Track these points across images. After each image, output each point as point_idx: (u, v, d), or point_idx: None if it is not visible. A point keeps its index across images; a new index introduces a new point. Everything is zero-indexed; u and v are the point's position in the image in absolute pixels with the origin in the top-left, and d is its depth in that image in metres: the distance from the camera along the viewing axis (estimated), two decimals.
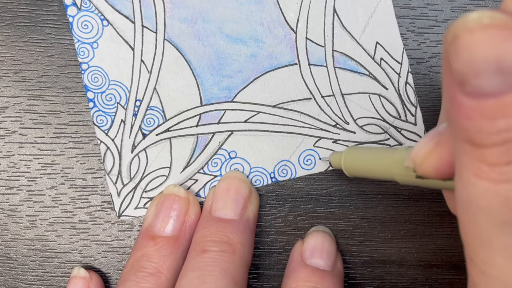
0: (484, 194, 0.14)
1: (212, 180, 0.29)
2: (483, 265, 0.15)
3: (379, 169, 0.23)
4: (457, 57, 0.13)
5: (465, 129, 0.14)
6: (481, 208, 0.14)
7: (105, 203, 0.29)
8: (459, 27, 0.13)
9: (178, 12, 0.29)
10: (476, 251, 0.15)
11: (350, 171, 0.26)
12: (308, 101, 0.29)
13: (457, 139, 0.15)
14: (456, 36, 0.13)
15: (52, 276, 0.29)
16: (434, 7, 0.29)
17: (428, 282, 0.30)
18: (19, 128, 0.29)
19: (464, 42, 0.13)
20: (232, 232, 0.26)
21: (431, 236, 0.30)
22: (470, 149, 0.14)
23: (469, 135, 0.14)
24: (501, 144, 0.13)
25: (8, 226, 0.29)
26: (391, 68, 0.29)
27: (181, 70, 0.29)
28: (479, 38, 0.13)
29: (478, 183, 0.14)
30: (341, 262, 0.29)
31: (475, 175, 0.14)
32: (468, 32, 0.13)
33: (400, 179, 0.22)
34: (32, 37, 0.28)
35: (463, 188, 0.15)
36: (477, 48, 0.13)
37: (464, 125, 0.14)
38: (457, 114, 0.14)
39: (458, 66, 0.13)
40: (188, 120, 0.29)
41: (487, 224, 0.14)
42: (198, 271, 0.25)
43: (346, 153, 0.27)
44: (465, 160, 0.14)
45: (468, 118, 0.13)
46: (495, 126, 0.13)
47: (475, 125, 0.13)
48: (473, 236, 0.15)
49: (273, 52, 0.29)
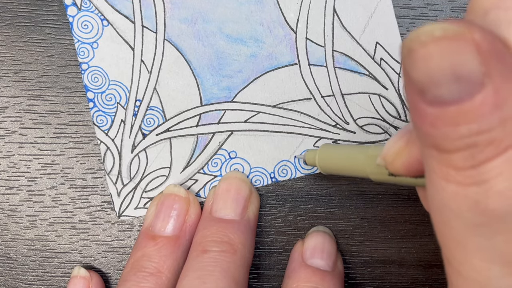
0: (454, 197, 0.14)
1: (212, 180, 0.29)
2: (460, 267, 0.15)
3: (353, 167, 0.24)
4: (415, 69, 0.13)
5: (430, 136, 0.14)
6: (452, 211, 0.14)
7: (105, 203, 0.29)
8: (413, 41, 0.13)
9: (178, 12, 0.28)
10: (452, 253, 0.15)
11: (325, 168, 0.27)
12: (308, 101, 0.29)
13: (423, 144, 0.15)
14: (410, 50, 0.13)
15: (52, 276, 0.29)
16: (434, 7, 0.29)
17: (428, 282, 0.30)
18: (19, 128, 0.29)
19: (419, 55, 0.13)
20: (233, 232, 0.26)
21: (431, 236, 0.30)
22: (436, 154, 0.14)
23: (434, 141, 0.14)
24: (465, 149, 0.13)
25: (8, 226, 0.29)
26: (391, 68, 0.29)
27: (181, 70, 0.29)
28: (433, 51, 0.13)
29: (447, 187, 0.14)
30: (341, 262, 0.29)
31: (443, 179, 0.14)
32: (421, 46, 0.13)
33: (374, 176, 0.22)
34: (32, 37, 0.28)
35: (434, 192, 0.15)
36: (432, 60, 0.13)
37: (428, 132, 0.14)
38: (420, 122, 0.14)
39: (417, 77, 0.13)
40: (188, 120, 0.29)
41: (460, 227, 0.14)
42: (198, 271, 0.25)
43: (320, 151, 0.27)
44: (433, 164, 0.15)
45: (432, 125, 0.14)
46: (458, 132, 0.13)
47: (439, 131, 0.14)
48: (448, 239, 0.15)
49: (273, 52, 0.29)
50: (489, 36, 0.13)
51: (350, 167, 0.24)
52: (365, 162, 0.22)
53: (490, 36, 0.13)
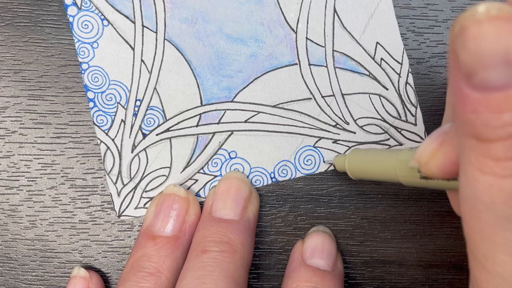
0: (488, 189, 0.14)
1: (212, 180, 0.29)
2: (485, 260, 0.15)
3: (383, 171, 0.23)
4: (465, 49, 0.13)
5: (471, 123, 0.14)
6: (484, 203, 0.14)
7: (105, 203, 0.29)
8: (467, 19, 0.13)
9: (179, 12, 0.28)
10: (478, 246, 0.15)
11: (355, 173, 0.26)
12: (308, 101, 0.29)
13: (462, 134, 0.14)
14: (464, 27, 0.13)
15: (52, 276, 0.29)
16: (434, 7, 0.29)
17: (428, 282, 0.30)
18: (19, 128, 0.29)
19: (472, 33, 0.13)
20: (233, 232, 0.26)
21: (431, 236, 0.30)
22: (475, 143, 0.14)
23: (474, 129, 0.14)
24: (506, 139, 0.13)
25: (8, 226, 0.29)
26: (391, 68, 0.29)
27: (181, 70, 0.29)
28: (487, 30, 0.13)
29: (482, 178, 0.14)
30: (342, 262, 0.29)
31: (479, 170, 0.14)
32: (476, 24, 0.13)
33: (405, 180, 0.22)
34: (32, 37, 0.28)
35: (467, 183, 0.15)
36: (485, 40, 0.13)
37: (470, 119, 0.14)
38: (463, 108, 0.14)
39: (465, 58, 0.13)
40: (188, 120, 0.29)
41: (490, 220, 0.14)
42: (198, 271, 0.25)
43: (350, 155, 0.27)
44: (470, 155, 0.14)
45: (474, 111, 0.13)
46: (501, 120, 0.13)
47: (481, 118, 0.13)
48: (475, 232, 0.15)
49: (273, 52, 0.29)
50: None
51: (380, 171, 0.24)
52: (396, 166, 0.22)
53: None
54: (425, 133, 0.29)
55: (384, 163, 0.23)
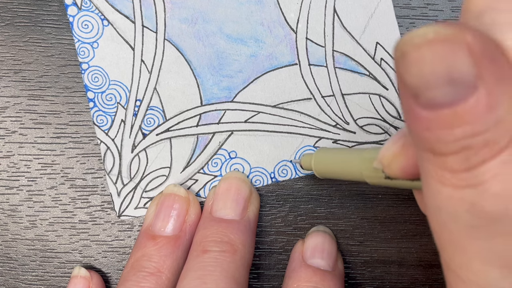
0: (450, 200, 0.14)
1: (212, 180, 0.29)
2: (459, 270, 0.15)
3: (349, 170, 0.23)
4: (408, 72, 0.13)
5: (424, 139, 0.14)
6: (449, 214, 0.14)
7: (105, 203, 0.29)
8: (405, 44, 0.13)
9: (179, 12, 0.28)
10: (451, 256, 0.15)
11: (321, 173, 0.26)
12: (308, 101, 0.29)
13: (419, 147, 0.15)
14: (404, 53, 0.13)
15: (52, 276, 0.29)
16: (434, 7, 0.29)
17: (428, 282, 0.30)
18: (19, 128, 0.29)
19: (412, 58, 0.13)
20: (233, 232, 0.26)
21: (431, 236, 0.29)
22: (431, 157, 0.14)
23: (429, 144, 0.14)
24: (460, 152, 0.13)
25: (8, 226, 0.29)
26: (391, 68, 0.29)
27: (181, 70, 0.29)
28: (426, 53, 0.13)
29: (443, 190, 0.14)
30: (342, 262, 0.29)
31: (439, 182, 0.14)
32: (415, 49, 0.13)
33: (370, 180, 0.22)
34: (32, 37, 0.28)
35: (431, 195, 0.15)
36: (426, 63, 0.13)
37: (423, 135, 0.14)
38: (415, 125, 0.14)
39: (410, 80, 0.13)
40: (188, 120, 0.29)
41: (457, 230, 0.14)
42: (199, 271, 0.25)
43: (316, 155, 0.27)
44: (429, 167, 0.15)
45: (426, 128, 0.14)
46: (452, 135, 0.13)
47: (433, 134, 0.14)
48: (446, 242, 0.15)
49: (273, 52, 0.29)
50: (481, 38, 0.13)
51: (346, 170, 0.24)
52: (361, 165, 0.22)
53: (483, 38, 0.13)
54: None
55: (349, 162, 0.23)
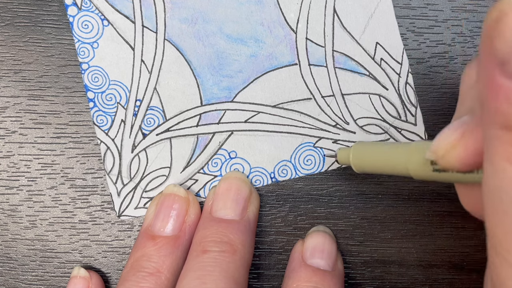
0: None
1: (212, 180, 0.29)
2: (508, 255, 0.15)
3: (393, 163, 0.22)
4: (501, 36, 0.13)
5: (502, 112, 0.13)
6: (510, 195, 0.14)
7: (105, 203, 0.29)
8: (506, 5, 0.13)
9: (179, 12, 0.29)
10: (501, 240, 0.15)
11: (359, 166, 0.25)
12: (308, 101, 0.29)
13: (490, 123, 0.14)
14: (502, 14, 0.13)
15: (52, 276, 0.29)
16: (434, 7, 0.29)
17: (428, 282, 0.30)
18: (19, 128, 0.29)
19: (509, 21, 0.13)
20: (233, 232, 0.26)
21: (431, 236, 0.30)
22: (503, 133, 0.14)
23: (505, 118, 0.13)
24: None
25: (8, 226, 0.29)
26: (391, 68, 0.29)
27: (181, 70, 0.29)
28: None
29: (510, 169, 0.14)
30: (342, 262, 0.29)
31: (507, 160, 0.14)
32: None
33: (416, 173, 0.21)
34: (32, 37, 0.28)
35: (493, 174, 0.14)
36: None
37: (501, 108, 0.13)
38: (494, 96, 0.13)
39: (501, 45, 0.13)
40: (188, 120, 0.29)
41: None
42: (198, 271, 0.25)
43: (355, 147, 0.26)
44: (497, 145, 0.14)
45: (507, 100, 0.13)
46: None
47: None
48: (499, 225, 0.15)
49: (273, 52, 0.29)
50: None
51: (389, 163, 0.23)
52: (408, 157, 0.21)
53: None
54: (425, 133, 0.29)
55: (393, 154, 0.22)
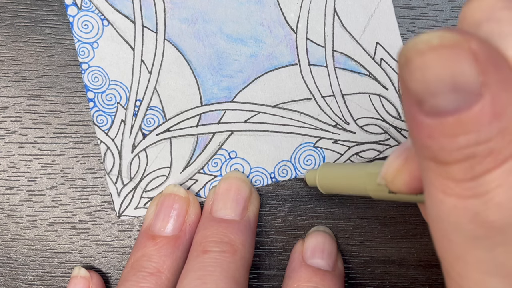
0: (453, 210, 0.14)
1: (212, 180, 0.29)
2: (460, 280, 0.15)
3: (353, 185, 0.24)
4: (412, 79, 0.13)
5: (427, 147, 0.14)
6: (451, 224, 0.14)
7: (105, 203, 0.29)
8: (410, 50, 0.13)
9: (179, 12, 0.28)
10: (452, 266, 0.15)
11: (325, 188, 0.27)
12: (308, 101, 0.29)
13: (421, 156, 0.14)
14: (408, 59, 0.13)
15: (52, 276, 0.29)
16: (434, 7, 0.29)
17: (428, 282, 0.30)
18: (19, 128, 0.29)
19: (416, 64, 0.13)
20: (233, 232, 0.26)
21: (431, 236, 0.30)
22: (434, 166, 0.14)
23: (432, 153, 0.14)
24: (464, 160, 0.13)
25: (8, 226, 0.29)
26: (391, 68, 0.29)
27: (181, 70, 0.29)
28: (431, 60, 0.13)
29: (446, 200, 0.14)
30: (342, 262, 0.29)
31: (442, 192, 0.14)
32: (419, 55, 0.13)
33: (374, 194, 0.22)
34: (32, 37, 0.28)
35: (432, 205, 0.15)
36: (430, 69, 0.13)
37: (426, 144, 0.14)
38: (418, 133, 0.14)
39: (414, 87, 0.13)
40: (188, 120, 0.29)
41: (460, 240, 0.14)
42: (199, 271, 0.25)
43: (320, 170, 0.27)
44: (431, 177, 0.14)
45: (430, 136, 0.13)
46: (456, 143, 0.13)
47: (437, 143, 0.13)
48: (448, 252, 0.15)
49: (273, 52, 0.29)
50: (486, 45, 0.13)
51: (350, 186, 0.24)
52: (365, 180, 0.22)
53: (487, 45, 0.13)
54: None
55: (353, 177, 0.23)
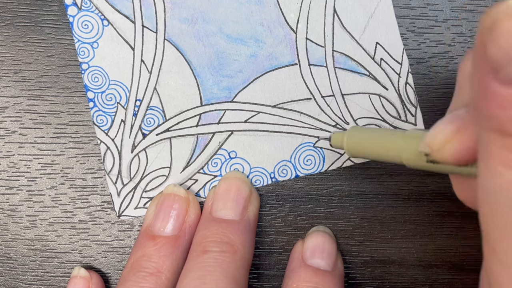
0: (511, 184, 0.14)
1: (212, 180, 0.29)
2: (505, 256, 0.15)
3: (386, 150, 0.22)
4: (495, 44, 0.13)
5: (495, 118, 0.13)
6: (507, 198, 0.14)
7: (105, 203, 0.29)
8: (500, 12, 0.13)
9: (179, 12, 0.28)
10: (498, 241, 0.15)
11: (353, 151, 0.25)
12: (308, 101, 0.29)
13: (484, 127, 0.14)
14: (496, 21, 0.13)
15: (52, 276, 0.29)
16: (434, 7, 0.29)
17: (428, 282, 0.30)
18: (19, 128, 0.29)
19: (504, 28, 0.13)
20: (233, 232, 0.26)
21: (431, 236, 0.30)
22: (498, 138, 0.14)
23: (499, 124, 0.13)
24: None
25: (8, 226, 0.29)
26: (391, 68, 0.29)
27: (181, 70, 0.29)
28: None
29: (506, 173, 0.14)
30: (342, 262, 0.29)
31: (502, 165, 0.14)
32: (509, 18, 0.12)
33: (409, 162, 0.21)
34: (32, 37, 0.28)
35: (489, 177, 0.14)
36: None
37: (495, 114, 0.13)
38: (488, 102, 0.14)
39: (495, 52, 0.13)
40: (188, 120, 0.29)
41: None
42: (199, 271, 0.25)
43: (349, 132, 0.25)
44: (492, 149, 0.14)
45: (500, 106, 0.13)
46: None
47: (506, 113, 0.13)
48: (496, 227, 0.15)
49: (273, 52, 0.29)
50: None
51: (382, 150, 0.22)
52: (402, 146, 0.21)
53: None
54: None
55: (388, 141, 0.22)
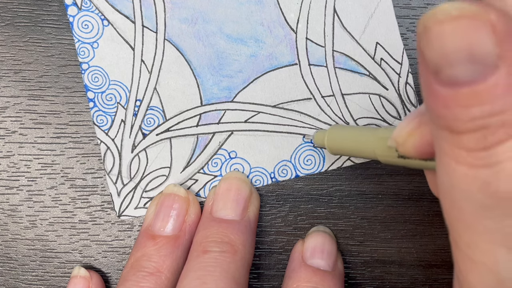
0: (464, 179, 0.14)
1: (212, 180, 0.29)
2: (467, 249, 0.15)
3: (362, 147, 0.24)
4: (429, 48, 0.13)
5: (442, 117, 0.14)
6: (462, 193, 0.14)
7: (105, 203, 0.29)
8: (429, 19, 0.13)
9: (179, 12, 0.28)
10: (460, 235, 0.15)
11: (333, 149, 0.26)
12: (308, 101, 0.29)
13: (435, 125, 0.15)
14: (426, 27, 0.13)
15: (52, 276, 0.29)
16: (434, 7, 0.29)
17: (428, 282, 0.30)
18: (19, 128, 0.29)
19: (434, 33, 0.13)
20: (233, 232, 0.26)
21: (431, 236, 0.30)
22: (448, 135, 0.14)
23: (446, 122, 0.14)
24: (477, 131, 0.13)
25: (8, 226, 0.29)
26: (391, 68, 0.29)
27: (181, 70, 0.29)
28: (449, 29, 0.13)
29: (458, 168, 0.14)
30: (342, 262, 0.29)
31: (454, 161, 0.14)
32: (437, 24, 0.13)
33: (383, 158, 0.22)
34: (32, 37, 0.28)
35: (444, 173, 0.15)
36: (448, 39, 0.13)
37: (441, 113, 0.14)
38: (433, 102, 0.14)
39: (431, 56, 0.13)
40: (188, 120, 0.29)
41: (469, 209, 0.15)
42: (199, 271, 0.25)
43: (329, 131, 0.27)
44: (444, 146, 0.15)
45: (445, 106, 0.14)
46: (470, 114, 0.13)
47: (452, 113, 0.14)
48: (457, 221, 0.15)
49: (273, 52, 0.29)
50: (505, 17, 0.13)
51: (359, 147, 0.24)
52: (375, 143, 0.22)
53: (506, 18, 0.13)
54: None
55: (363, 139, 0.24)
